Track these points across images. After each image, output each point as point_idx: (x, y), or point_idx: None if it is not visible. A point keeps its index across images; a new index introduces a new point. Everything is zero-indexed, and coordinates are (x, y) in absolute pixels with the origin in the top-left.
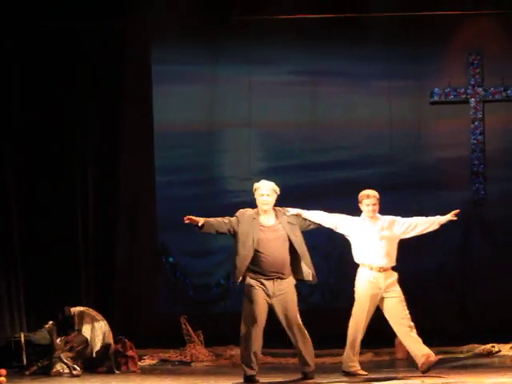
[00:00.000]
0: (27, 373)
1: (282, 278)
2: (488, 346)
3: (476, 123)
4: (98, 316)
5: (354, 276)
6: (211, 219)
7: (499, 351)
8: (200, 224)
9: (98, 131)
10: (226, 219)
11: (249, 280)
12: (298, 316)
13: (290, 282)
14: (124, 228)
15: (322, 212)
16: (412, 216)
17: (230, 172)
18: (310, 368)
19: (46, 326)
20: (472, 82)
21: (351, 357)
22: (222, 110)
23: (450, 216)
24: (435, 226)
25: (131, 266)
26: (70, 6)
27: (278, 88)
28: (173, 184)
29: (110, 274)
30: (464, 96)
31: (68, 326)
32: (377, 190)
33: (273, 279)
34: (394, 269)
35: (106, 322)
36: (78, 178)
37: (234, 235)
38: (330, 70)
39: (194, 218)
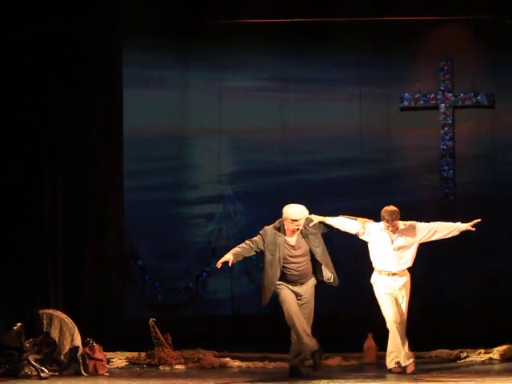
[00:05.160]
0: None
1: (304, 283)
2: (456, 352)
3: (446, 129)
4: (67, 318)
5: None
6: (238, 249)
7: (467, 357)
8: (230, 263)
9: (67, 134)
10: (252, 242)
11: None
12: (312, 316)
13: (312, 283)
14: (93, 230)
15: (344, 219)
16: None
17: (200, 178)
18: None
19: (15, 327)
20: (442, 88)
21: (389, 353)
22: (192, 116)
23: (469, 225)
24: (455, 233)
25: (100, 268)
26: (40, 7)
27: (249, 94)
28: (142, 188)
29: (79, 276)
30: (434, 102)
31: (36, 328)
32: (346, 196)
33: (297, 285)
34: (409, 269)
35: (74, 324)
36: (46, 180)
37: (260, 254)
38: (300, 75)
39: (223, 260)
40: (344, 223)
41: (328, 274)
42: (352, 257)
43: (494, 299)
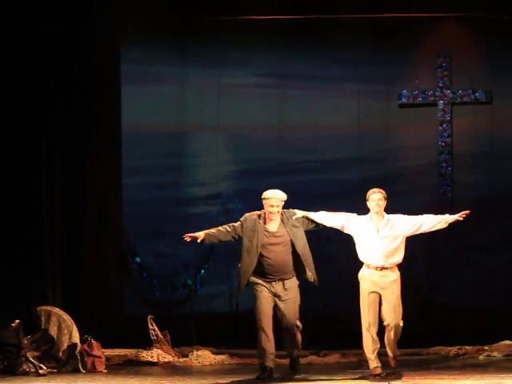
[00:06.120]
0: None
1: (284, 279)
2: (454, 349)
3: (444, 125)
4: (65, 315)
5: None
6: (213, 230)
7: (466, 354)
8: (200, 240)
9: (66, 133)
10: (230, 226)
11: (253, 279)
12: (298, 317)
13: (294, 282)
14: (91, 228)
15: (327, 213)
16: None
17: (198, 176)
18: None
19: (13, 324)
20: (440, 85)
21: (367, 355)
22: (190, 112)
23: (458, 216)
24: (442, 225)
25: (98, 265)
26: (39, 5)
27: (247, 90)
28: (140, 185)
29: (77, 274)
30: (432, 98)
31: (34, 325)
32: (345, 194)
33: (275, 281)
34: (398, 267)
35: (72, 321)
36: (45, 179)
37: (239, 240)
38: (298, 72)
39: (193, 234)
40: (328, 217)
41: (309, 272)
42: (350, 255)
43: (493, 296)
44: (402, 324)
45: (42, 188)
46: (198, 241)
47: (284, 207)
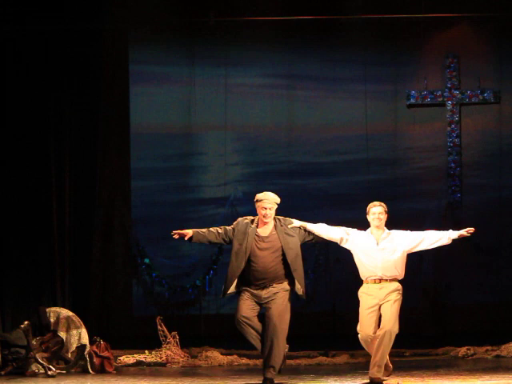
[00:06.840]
0: (2, 373)
1: (272, 286)
2: (463, 349)
3: (452, 126)
4: (74, 317)
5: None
6: (203, 230)
7: (474, 354)
8: (187, 238)
9: (74, 132)
10: (221, 229)
11: (240, 289)
12: (284, 322)
13: (283, 287)
14: (100, 229)
15: (326, 225)
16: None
17: (206, 175)
18: (269, 375)
19: (22, 326)
20: (449, 85)
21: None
22: (198, 112)
23: (463, 232)
24: (445, 241)
25: (107, 266)
26: (46, 7)
27: (255, 91)
28: (149, 186)
29: (86, 275)
30: (441, 99)
31: (43, 326)
32: (353, 194)
33: (262, 288)
34: (400, 282)
35: (81, 322)
36: (53, 178)
37: (229, 244)
38: (306, 73)
39: (181, 232)
40: (326, 230)
41: (298, 285)
42: None
43: (501, 297)
44: (395, 333)
45: (50, 191)
46: (186, 238)
47: (292, 208)
